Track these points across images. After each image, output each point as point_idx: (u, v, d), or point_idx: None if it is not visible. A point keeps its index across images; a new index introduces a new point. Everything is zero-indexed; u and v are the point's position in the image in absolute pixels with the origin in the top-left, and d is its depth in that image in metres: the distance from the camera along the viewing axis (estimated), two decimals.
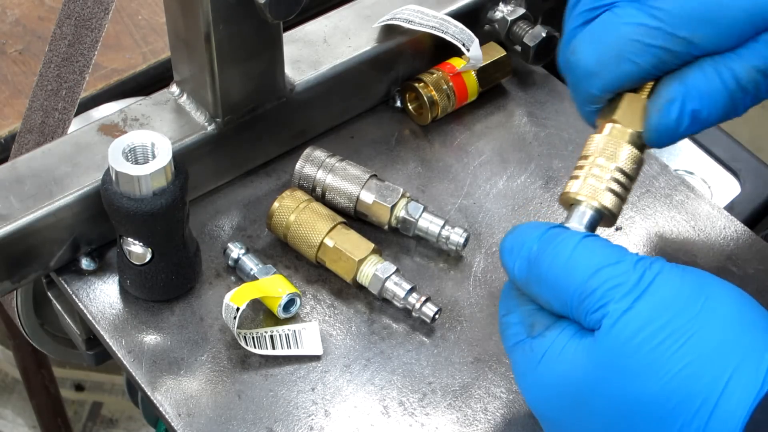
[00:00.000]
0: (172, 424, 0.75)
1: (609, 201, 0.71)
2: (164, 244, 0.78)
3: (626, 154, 0.71)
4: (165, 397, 0.76)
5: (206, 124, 0.85)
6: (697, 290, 0.64)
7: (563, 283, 0.66)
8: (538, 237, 0.68)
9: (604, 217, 0.72)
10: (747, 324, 0.63)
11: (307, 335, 0.79)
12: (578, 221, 0.71)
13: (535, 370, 0.67)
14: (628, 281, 0.64)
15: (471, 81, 0.93)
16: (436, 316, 0.80)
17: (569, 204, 0.72)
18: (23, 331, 0.94)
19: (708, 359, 0.62)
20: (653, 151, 0.95)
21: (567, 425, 0.66)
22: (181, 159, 0.79)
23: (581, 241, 0.66)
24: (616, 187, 0.71)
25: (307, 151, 0.86)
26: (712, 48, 0.69)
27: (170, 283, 0.80)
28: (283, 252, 0.85)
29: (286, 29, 0.87)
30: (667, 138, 0.71)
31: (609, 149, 0.71)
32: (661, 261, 0.65)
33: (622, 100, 0.72)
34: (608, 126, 0.72)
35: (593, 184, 0.71)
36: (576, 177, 0.72)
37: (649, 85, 0.72)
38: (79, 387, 1.85)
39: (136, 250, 0.78)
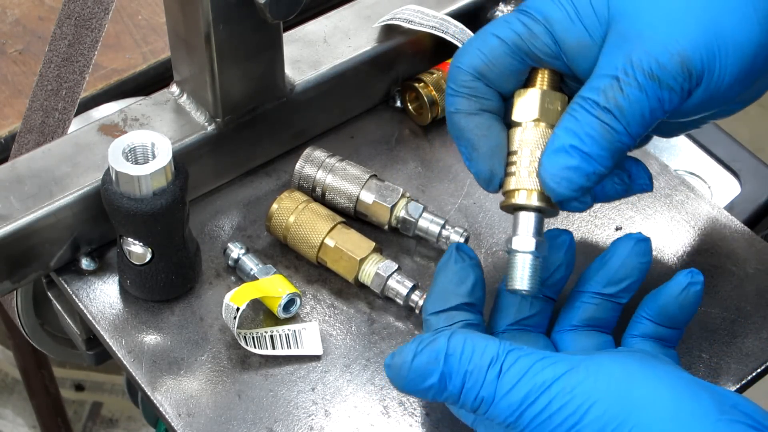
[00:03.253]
0: (172, 424, 0.75)
1: (540, 199, 0.72)
2: (164, 244, 0.78)
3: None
4: (165, 397, 0.76)
5: (206, 124, 0.85)
6: (625, 400, 0.63)
7: (499, 418, 0.66)
8: (448, 375, 0.67)
9: (547, 212, 0.73)
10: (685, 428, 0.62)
11: (307, 335, 0.79)
12: (525, 230, 0.72)
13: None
14: (557, 408, 0.64)
15: None
16: None
17: (511, 209, 0.73)
18: (23, 331, 0.94)
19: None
20: (653, 151, 0.95)
21: None
22: (181, 159, 0.79)
23: (499, 375, 0.66)
24: None
25: (307, 151, 0.86)
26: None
27: (170, 283, 0.80)
28: (283, 252, 0.85)
29: (286, 29, 0.87)
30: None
31: (534, 139, 0.73)
32: (581, 366, 0.65)
33: (522, 96, 0.74)
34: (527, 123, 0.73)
35: (526, 177, 0.72)
36: (510, 174, 0.73)
37: (537, 75, 0.74)
38: (79, 387, 1.85)
39: (136, 250, 0.78)
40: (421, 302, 0.80)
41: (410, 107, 0.94)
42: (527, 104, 0.74)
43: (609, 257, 0.74)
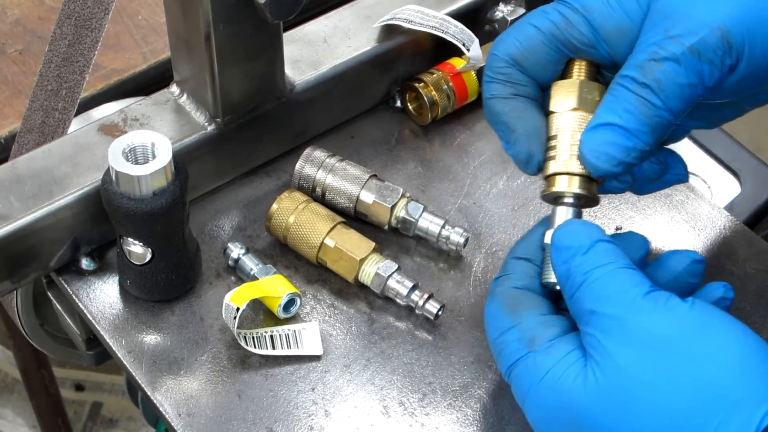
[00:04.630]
0: (172, 424, 0.75)
1: (581, 186, 0.72)
2: (164, 244, 0.78)
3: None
4: (165, 397, 0.76)
5: (206, 124, 0.85)
6: (699, 331, 0.64)
7: (582, 299, 0.67)
8: (582, 250, 0.68)
9: (588, 199, 0.73)
10: (745, 373, 0.62)
11: (307, 335, 0.79)
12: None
13: (537, 387, 0.67)
14: (631, 314, 0.64)
15: (471, 81, 0.93)
16: (440, 313, 0.80)
17: (552, 198, 0.73)
18: (23, 331, 0.94)
19: (699, 406, 0.62)
20: None
21: None
22: (181, 159, 0.79)
23: (611, 271, 0.67)
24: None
25: (307, 151, 0.86)
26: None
27: (170, 283, 0.80)
28: (283, 252, 0.85)
29: (286, 29, 0.87)
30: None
31: (573, 123, 0.72)
32: (673, 297, 0.65)
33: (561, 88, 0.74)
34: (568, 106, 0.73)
35: (566, 160, 0.72)
36: (550, 158, 0.73)
37: (574, 66, 0.74)
38: (79, 387, 1.85)
39: (136, 250, 0.78)
40: (421, 302, 0.80)
41: (410, 107, 0.94)
42: (565, 94, 0.73)
43: (660, 269, 0.72)
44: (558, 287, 0.71)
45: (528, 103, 0.74)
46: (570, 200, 0.72)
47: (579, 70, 0.74)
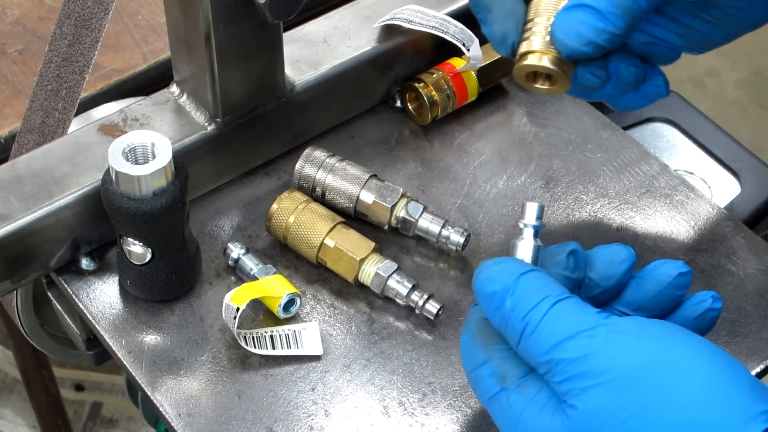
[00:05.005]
0: (172, 424, 0.75)
1: (551, 62, 0.73)
2: (164, 244, 0.78)
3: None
4: (165, 397, 0.76)
5: (206, 124, 0.85)
6: (664, 360, 0.62)
7: (532, 350, 0.65)
8: (512, 291, 0.66)
9: (558, 77, 0.73)
10: (717, 398, 0.60)
11: (307, 335, 0.79)
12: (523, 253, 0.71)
13: (515, 425, 0.66)
14: (590, 355, 0.62)
15: (471, 81, 0.93)
16: (440, 313, 0.80)
17: (523, 75, 0.74)
18: (23, 331, 0.94)
19: None
20: (653, 151, 0.95)
21: None
22: (181, 159, 0.79)
23: (550, 309, 0.65)
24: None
25: (307, 151, 0.86)
26: None
27: (170, 283, 0.80)
28: (283, 252, 0.85)
29: (286, 29, 0.87)
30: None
31: (550, 6, 0.73)
32: (626, 323, 0.64)
33: None
34: None
35: (540, 41, 0.73)
36: (524, 39, 0.74)
37: None
38: (79, 387, 1.85)
39: (136, 250, 0.78)
40: (421, 302, 0.80)
41: (410, 107, 0.94)
42: None
43: (646, 281, 0.71)
44: None
45: None
46: (529, 231, 0.71)
47: None
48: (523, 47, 0.74)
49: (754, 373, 0.79)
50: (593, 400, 0.62)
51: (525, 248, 0.71)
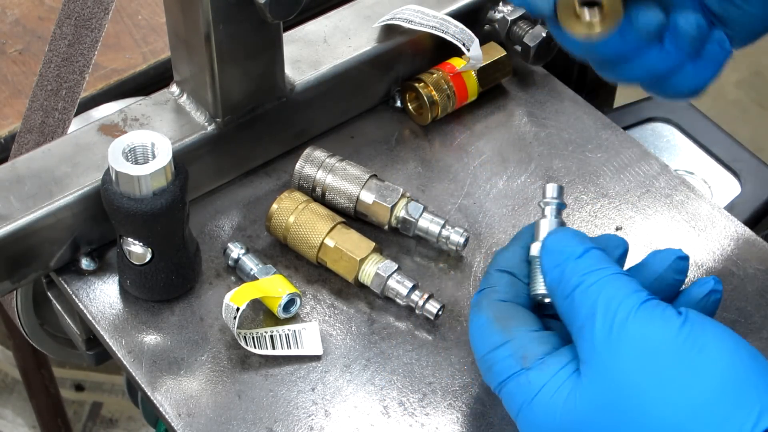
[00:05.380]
0: (172, 424, 0.75)
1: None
2: (164, 244, 0.78)
3: None
4: (165, 397, 0.76)
5: (206, 124, 0.85)
6: (692, 343, 0.63)
7: (580, 303, 0.66)
8: (575, 255, 0.68)
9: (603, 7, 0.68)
10: (735, 385, 0.62)
11: (307, 335, 0.79)
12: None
13: (530, 404, 0.66)
14: (627, 322, 0.64)
15: (471, 81, 0.93)
16: (440, 313, 0.80)
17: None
18: (23, 331, 0.94)
19: (691, 418, 0.61)
20: (653, 150, 0.95)
21: None
22: (181, 159, 0.79)
23: (612, 276, 0.67)
24: None
25: (307, 151, 0.86)
26: None
27: (170, 283, 0.80)
28: (283, 252, 0.85)
29: (286, 29, 0.87)
30: None
31: None
32: (669, 308, 0.65)
33: None
34: None
35: None
36: None
37: None
38: (79, 387, 1.85)
39: (136, 250, 0.78)
40: (421, 302, 0.80)
41: (410, 107, 0.94)
42: None
43: (645, 268, 0.72)
44: (547, 299, 0.71)
45: None
46: (552, 209, 0.73)
47: None
48: None
49: None
50: (619, 365, 0.63)
51: (548, 226, 0.72)
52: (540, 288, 0.72)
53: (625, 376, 0.63)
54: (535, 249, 0.72)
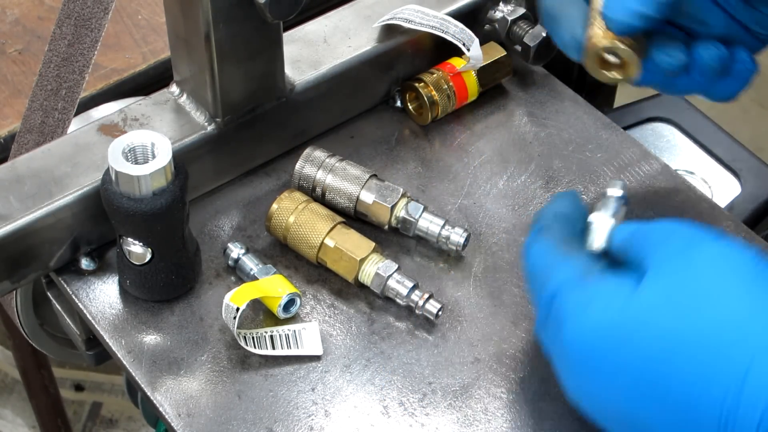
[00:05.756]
0: (172, 424, 0.75)
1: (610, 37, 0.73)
2: (164, 244, 0.78)
3: None
4: (165, 397, 0.76)
5: (206, 124, 0.85)
6: (756, 282, 0.64)
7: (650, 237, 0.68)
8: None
9: (621, 53, 0.74)
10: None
11: (307, 335, 0.79)
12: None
13: (585, 306, 0.67)
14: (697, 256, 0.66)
15: (471, 81, 0.93)
16: (440, 313, 0.80)
17: (592, 59, 0.75)
18: (23, 332, 0.94)
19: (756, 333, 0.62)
20: (653, 150, 0.95)
21: (609, 364, 0.65)
22: (181, 159, 0.78)
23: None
24: None
25: (307, 151, 0.86)
26: None
27: (170, 283, 0.80)
28: (282, 252, 0.85)
29: (286, 29, 0.87)
30: None
31: None
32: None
33: None
34: None
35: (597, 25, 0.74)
36: (588, 26, 0.75)
37: None
38: (78, 387, 1.85)
39: (136, 250, 0.78)
40: (421, 302, 0.80)
41: (410, 107, 0.94)
42: None
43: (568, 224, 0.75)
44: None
45: None
46: (617, 194, 0.75)
47: None
48: (588, 33, 0.74)
49: None
50: (695, 273, 0.64)
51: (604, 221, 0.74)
52: (595, 244, 0.73)
53: (696, 283, 0.64)
54: (594, 217, 0.74)
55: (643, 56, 0.74)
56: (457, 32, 0.90)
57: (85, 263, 0.83)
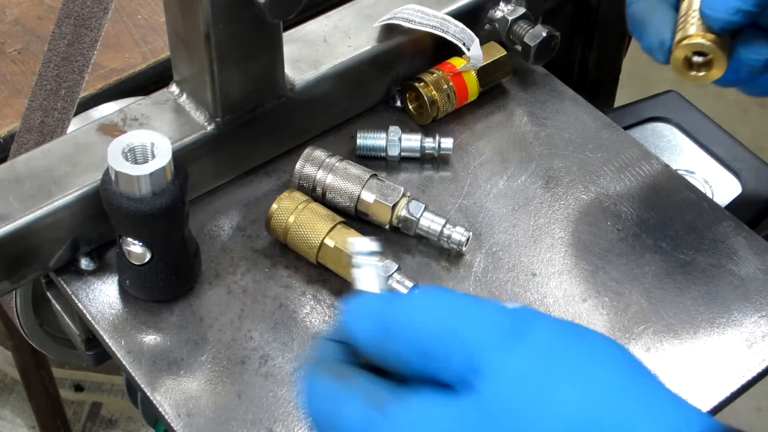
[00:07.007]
0: (172, 424, 0.75)
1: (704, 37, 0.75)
2: (164, 244, 0.78)
3: None
4: (164, 398, 0.76)
5: (206, 123, 0.85)
6: (577, 338, 0.54)
7: (425, 331, 0.54)
8: (388, 299, 0.58)
9: (712, 53, 0.75)
10: (633, 379, 0.52)
11: None
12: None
13: None
14: (503, 326, 0.53)
15: (471, 81, 0.93)
16: None
17: (680, 62, 0.76)
18: (22, 332, 0.94)
19: (595, 417, 0.51)
20: (654, 150, 0.95)
21: None
22: (180, 159, 0.78)
23: (442, 293, 0.56)
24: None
25: (307, 151, 0.86)
26: None
27: (170, 283, 0.80)
28: (283, 252, 0.84)
29: (286, 29, 0.87)
30: None
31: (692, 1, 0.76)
32: (532, 309, 0.56)
33: None
34: None
35: (690, 27, 0.75)
36: (676, 33, 0.76)
37: None
38: (78, 387, 1.85)
39: (136, 250, 0.78)
40: None
41: (410, 107, 0.94)
42: None
43: None
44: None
45: (661, 3, 0.78)
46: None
47: None
48: (677, 36, 0.76)
49: (754, 372, 0.79)
50: (509, 378, 0.52)
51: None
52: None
53: (511, 391, 0.52)
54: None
55: (730, 55, 0.76)
56: (457, 32, 0.90)
57: (84, 263, 0.83)
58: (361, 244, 0.62)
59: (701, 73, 0.77)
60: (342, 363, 0.57)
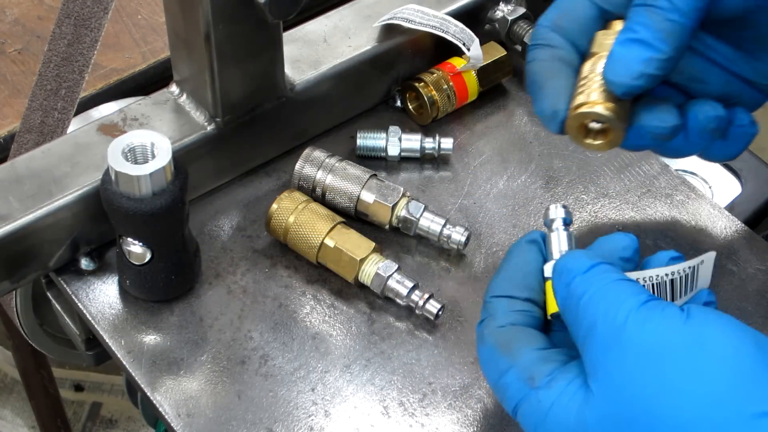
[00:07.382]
0: (172, 424, 0.75)
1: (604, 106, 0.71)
2: (164, 244, 0.78)
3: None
4: (164, 398, 0.76)
5: (206, 123, 0.85)
6: (695, 342, 0.62)
7: (581, 316, 0.65)
8: (582, 271, 0.67)
9: (611, 123, 0.71)
10: (741, 382, 0.60)
11: (703, 269, 0.73)
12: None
13: (543, 424, 0.66)
14: (631, 328, 0.63)
15: (471, 81, 0.93)
16: (440, 313, 0.80)
17: (574, 128, 0.73)
18: (22, 332, 0.94)
19: (699, 417, 0.60)
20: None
21: None
22: (180, 159, 0.78)
23: (612, 283, 0.65)
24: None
25: (307, 151, 0.86)
26: None
27: (170, 283, 0.80)
28: (282, 252, 0.85)
29: (286, 29, 0.87)
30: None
31: (600, 65, 0.72)
32: (670, 306, 0.63)
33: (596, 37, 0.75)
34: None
35: (591, 93, 0.72)
36: (575, 96, 0.73)
37: (614, 24, 0.74)
38: (78, 387, 1.85)
39: (136, 250, 0.78)
40: (421, 302, 0.80)
41: (410, 107, 0.94)
42: (595, 45, 0.74)
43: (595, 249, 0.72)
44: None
45: (563, 65, 0.75)
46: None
47: (615, 25, 0.74)
48: (574, 101, 0.72)
49: None
50: (622, 374, 0.62)
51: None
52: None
53: (630, 382, 0.62)
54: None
55: (628, 121, 0.73)
56: (457, 32, 0.90)
57: (84, 263, 0.83)
58: (554, 212, 0.72)
59: (597, 141, 0.73)
60: (507, 327, 0.69)
